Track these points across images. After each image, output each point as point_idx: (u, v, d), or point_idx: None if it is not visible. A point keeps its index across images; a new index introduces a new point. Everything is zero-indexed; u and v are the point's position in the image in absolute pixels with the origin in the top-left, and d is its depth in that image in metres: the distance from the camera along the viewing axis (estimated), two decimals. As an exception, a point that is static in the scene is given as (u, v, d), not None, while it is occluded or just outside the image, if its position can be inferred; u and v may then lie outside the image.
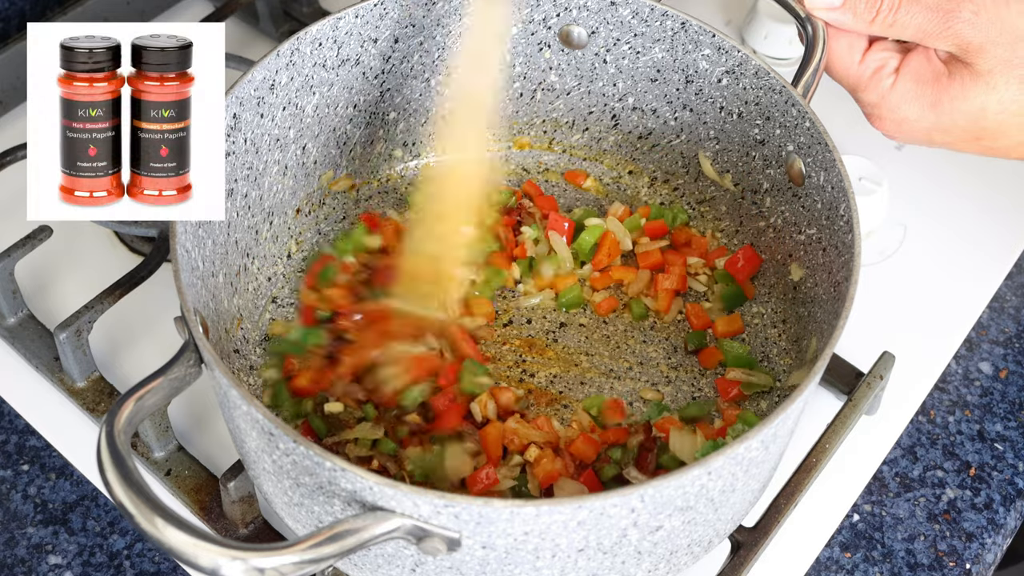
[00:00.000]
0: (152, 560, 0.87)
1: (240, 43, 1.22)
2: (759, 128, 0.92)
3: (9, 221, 1.02)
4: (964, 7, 0.81)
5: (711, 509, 0.72)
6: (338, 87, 0.93)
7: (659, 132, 1.00)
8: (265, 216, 0.93)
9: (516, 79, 1.00)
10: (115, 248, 1.05)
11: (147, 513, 0.62)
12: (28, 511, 0.89)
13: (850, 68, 0.87)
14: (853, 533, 0.91)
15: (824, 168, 0.84)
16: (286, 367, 0.89)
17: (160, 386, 0.71)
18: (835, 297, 0.80)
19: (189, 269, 0.77)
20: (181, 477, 0.89)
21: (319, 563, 0.62)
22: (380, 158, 1.02)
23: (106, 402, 0.93)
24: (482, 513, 0.64)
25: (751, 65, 0.90)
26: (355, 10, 0.90)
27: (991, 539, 0.91)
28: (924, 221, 1.10)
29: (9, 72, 1.13)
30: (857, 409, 0.92)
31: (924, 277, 1.06)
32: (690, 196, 1.01)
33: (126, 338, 0.98)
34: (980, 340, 1.03)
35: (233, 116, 0.85)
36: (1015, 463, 0.95)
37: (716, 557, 0.85)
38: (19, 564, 0.86)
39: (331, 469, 0.65)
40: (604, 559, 0.70)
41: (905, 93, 0.85)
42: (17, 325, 0.97)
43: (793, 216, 0.90)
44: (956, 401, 0.99)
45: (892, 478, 0.94)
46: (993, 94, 0.82)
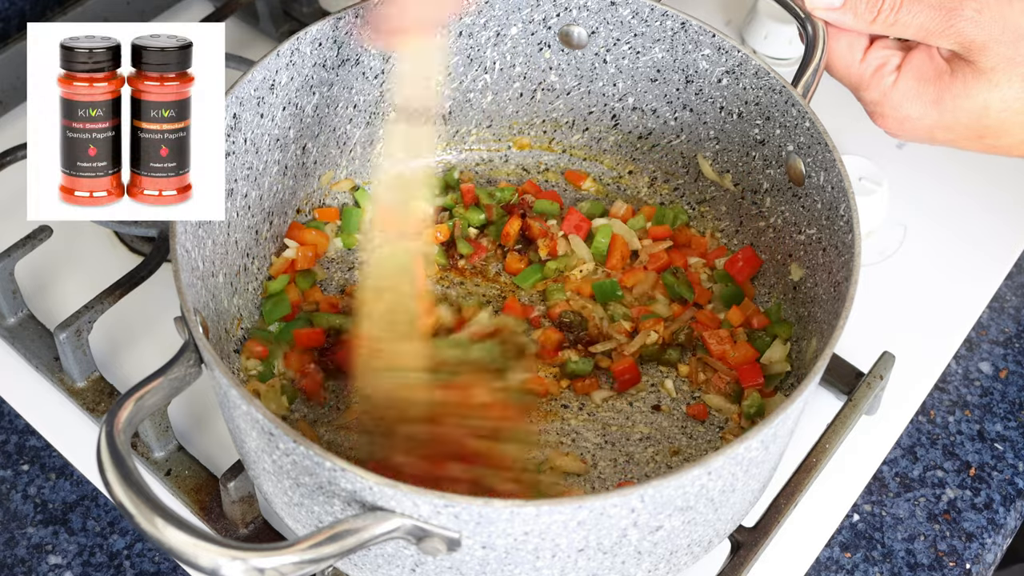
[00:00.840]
0: (152, 560, 0.87)
1: (240, 43, 1.22)
2: (759, 128, 0.92)
3: (9, 221, 1.02)
4: (967, 5, 0.81)
5: (711, 509, 0.72)
6: (338, 87, 0.93)
7: (659, 132, 1.00)
8: (265, 216, 0.93)
9: (516, 79, 1.00)
10: (115, 248, 1.05)
11: (147, 513, 0.62)
12: (28, 511, 0.89)
13: (851, 67, 0.86)
14: (853, 533, 0.91)
15: (824, 168, 0.84)
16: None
17: (160, 386, 0.71)
18: (835, 297, 0.80)
19: (189, 269, 0.77)
20: (181, 477, 0.89)
21: (319, 563, 0.62)
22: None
23: (106, 402, 0.93)
24: (482, 513, 0.64)
25: (751, 65, 0.90)
26: (355, 10, 0.90)
27: (991, 539, 0.91)
28: (924, 221, 1.10)
29: (9, 72, 1.13)
30: (857, 409, 0.92)
31: (924, 277, 1.06)
32: (690, 196, 1.01)
33: (126, 338, 0.98)
34: (980, 340, 1.03)
35: (233, 116, 0.85)
36: (1015, 463, 0.95)
37: (716, 557, 0.85)
38: (19, 564, 0.86)
39: (331, 469, 0.65)
40: (604, 559, 0.70)
41: (907, 91, 0.85)
42: (17, 325, 0.97)
43: (793, 216, 0.90)
44: (956, 401, 0.99)
45: (892, 478, 0.94)
46: (996, 92, 0.82)
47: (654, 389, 0.91)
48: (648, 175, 1.02)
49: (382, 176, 0.87)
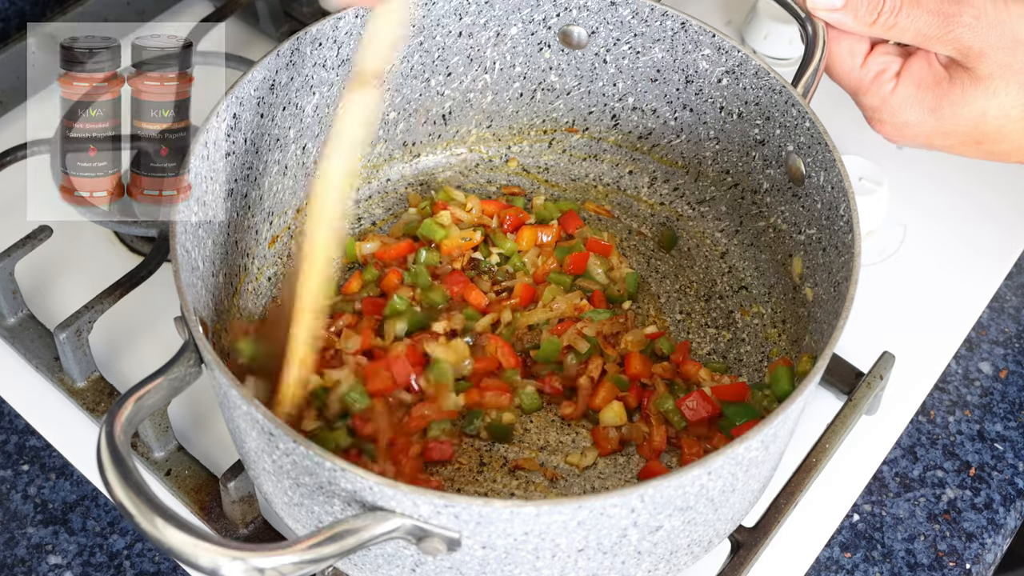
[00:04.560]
0: (152, 560, 0.87)
1: (240, 43, 1.22)
2: (759, 128, 0.92)
3: (9, 221, 1.02)
4: (965, 12, 0.81)
5: (711, 509, 0.72)
6: (338, 87, 0.93)
7: (659, 132, 1.00)
8: (265, 216, 0.93)
9: (516, 79, 1.00)
10: (115, 248, 1.05)
11: (147, 513, 0.62)
12: (28, 511, 0.89)
13: (852, 72, 0.87)
14: (853, 533, 0.91)
15: (824, 168, 0.84)
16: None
17: (160, 386, 0.71)
18: (835, 297, 0.80)
19: (189, 269, 0.77)
20: (181, 477, 0.89)
21: (319, 563, 0.62)
22: (380, 158, 1.02)
23: (106, 402, 0.93)
24: (482, 513, 0.64)
25: (751, 65, 0.90)
26: (355, 10, 0.90)
27: (991, 539, 0.91)
28: (924, 221, 1.10)
29: (9, 72, 1.13)
30: (857, 409, 0.92)
31: (924, 277, 1.06)
32: (690, 196, 1.01)
33: (126, 338, 0.98)
34: (980, 340, 1.03)
35: (233, 116, 0.85)
36: (1015, 463, 0.95)
37: (716, 557, 0.85)
38: (19, 564, 0.86)
39: (331, 469, 0.65)
40: (604, 559, 0.70)
41: (906, 97, 0.85)
42: (17, 325, 0.97)
43: (793, 216, 0.90)
44: (956, 401, 0.99)
45: (892, 478, 0.94)
46: (993, 99, 0.82)
47: None
48: (648, 175, 1.02)
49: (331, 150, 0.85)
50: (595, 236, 0.98)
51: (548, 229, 0.98)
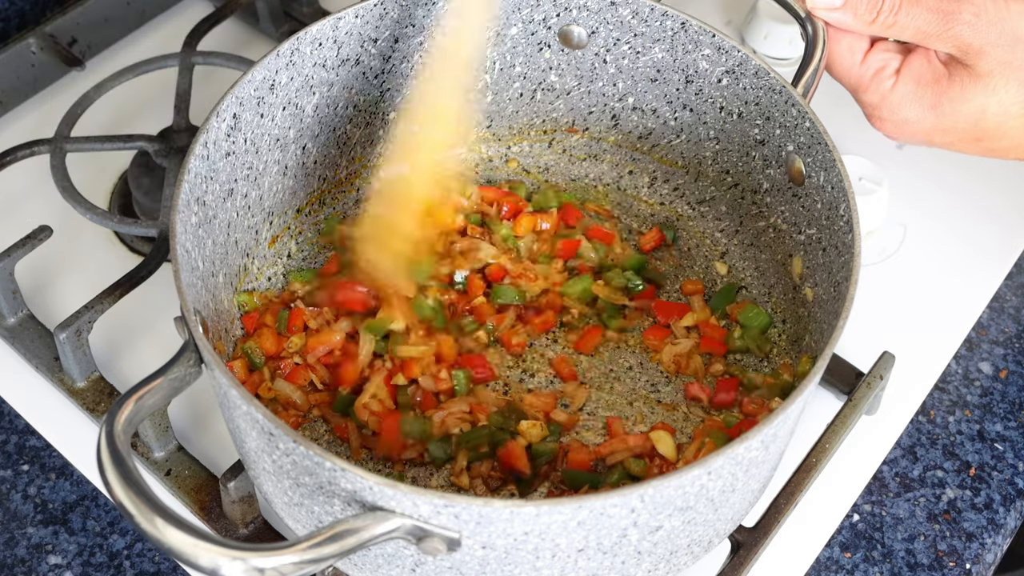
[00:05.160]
0: (152, 560, 0.87)
1: (240, 43, 1.22)
2: (759, 128, 0.92)
3: (9, 221, 1.02)
4: (964, 9, 0.81)
5: (711, 509, 0.72)
6: (338, 87, 0.93)
7: (659, 132, 1.00)
8: (265, 216, 0.93)
9: (516, 79, 1.00)
10: (115, 248, 1.05)
11: (147, 513, 0.62)
12: (28, 511, 0.89)
13: (851, 69, 0.87)
14: (853, 533, 0.91)
15: (824, 168, 0.84)
16: None
17: (160, 386, 0.71)
18: (835, 297, 0.80)
19: (189, 269, 0.77)
20: (181, 477, 0.89)
21: (319, 563, 0.62)
22: (380, 158, 1.02)
23: (106, 402, 0.93)
24: (482, 513, 0.64)
25: (751, 65, 0.90)
26: (355, 10, 0.90)
27: (991, 539, 0.91)
28: (924, 221, 1.10)
29: (9, 72, 1.13)
30: (857, 409, 0.92)
31: (924, 277, 1.06)
32: (690, 196, 1.01)
33: (126, 338, 0.98)
34: (980, 340, 1.03)
35: (233, 116, 0.85)
36: (1015, 463, 0.95)
37: (716, 557, 0.85)
38: (19, 564, 0.86)
39: (331, 469, 0.65)
40: (604, 559, 0.70)
41: (906, 95, 0.85)
42: (17, 325, 0.97)
43: (793, 216, 0.90)
44: (956, 401, 0.99)
45: (892, 478, 0.94)
46: (993, 96, 0.82)
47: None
48: (648, 175, 1.02)
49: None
50: (597, 224, 0.99)
51: (547, 216, 0.98)
